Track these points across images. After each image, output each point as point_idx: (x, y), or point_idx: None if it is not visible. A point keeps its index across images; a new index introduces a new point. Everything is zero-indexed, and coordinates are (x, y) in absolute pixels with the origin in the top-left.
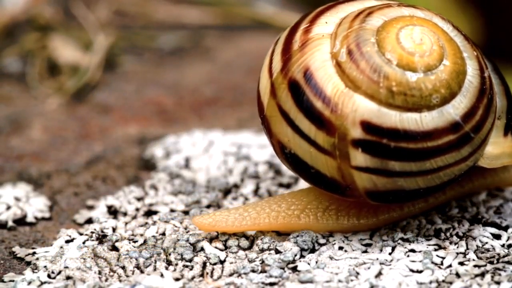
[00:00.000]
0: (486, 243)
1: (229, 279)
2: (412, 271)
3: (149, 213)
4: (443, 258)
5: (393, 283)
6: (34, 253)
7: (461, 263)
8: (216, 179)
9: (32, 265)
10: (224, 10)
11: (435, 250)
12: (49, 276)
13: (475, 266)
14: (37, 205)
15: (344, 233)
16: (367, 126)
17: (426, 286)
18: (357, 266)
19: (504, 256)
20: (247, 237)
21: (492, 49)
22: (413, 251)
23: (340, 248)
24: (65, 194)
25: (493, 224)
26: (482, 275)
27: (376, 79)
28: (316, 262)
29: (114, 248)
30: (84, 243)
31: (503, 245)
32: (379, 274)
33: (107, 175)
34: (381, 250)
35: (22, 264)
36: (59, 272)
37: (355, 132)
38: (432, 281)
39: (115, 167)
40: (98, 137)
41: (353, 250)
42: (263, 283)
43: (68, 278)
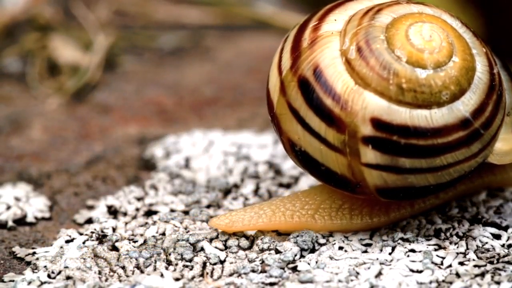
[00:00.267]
0: (486, 243)
1: (229, 279)
2: (412, 271)
3: (149, 213)
4: (443, 258)
5: (393, 283)
6: (34, 253)
7: (461, 263)
8: (216, 179)
9: (32, 265)
10: (224, 10)
11: (435, 250)
12: (49, 276)
13: (475, 266)
14: (37, 205)
15: (362, 231)
16: (377, 123)
17: (426, 286)
18: (357, 266)
19: (504, 256)
20: (247, 237)
21: (492, 49)
22: (413, 251)
23: (340, 248)
24: (65, 194)
25: (493, 224)
26: (482, 275)
27: (386, 76)
28: (316, 262)
29: (114, 248)
30: (84, 243)
31: (503, 245)
32: (379, 274)
33: (107, 175)
34: (381, 250)
35: (22, 264)
36: (59, 272)
37: (365, 129)
38: (432, 281)
39: (115, 167)
40: (98, 137)
41: (353, 250)
42: (263, 283)
43: (68, 278)
